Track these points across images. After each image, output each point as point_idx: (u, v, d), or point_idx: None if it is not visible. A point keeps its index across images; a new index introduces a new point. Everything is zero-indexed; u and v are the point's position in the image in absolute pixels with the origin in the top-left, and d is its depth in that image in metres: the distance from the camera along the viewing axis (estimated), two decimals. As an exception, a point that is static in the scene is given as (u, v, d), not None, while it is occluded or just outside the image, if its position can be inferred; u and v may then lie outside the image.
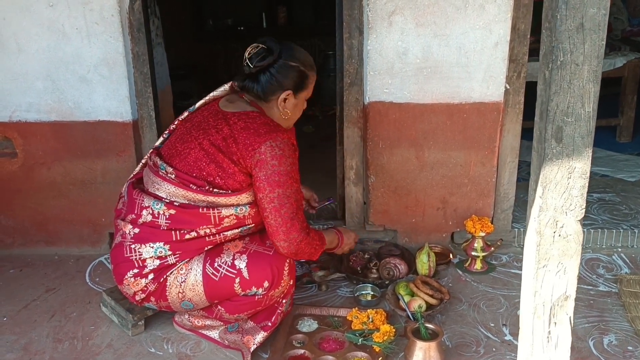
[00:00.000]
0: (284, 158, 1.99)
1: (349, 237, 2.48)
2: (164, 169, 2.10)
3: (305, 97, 2.20)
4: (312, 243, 2.12)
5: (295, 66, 2.09)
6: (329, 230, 2.45)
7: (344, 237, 2.44)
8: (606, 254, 2.87)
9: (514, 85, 2.70)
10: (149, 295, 2.11)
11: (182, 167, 2.08)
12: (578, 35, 1.24)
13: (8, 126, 2.81)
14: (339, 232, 2.45)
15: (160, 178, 2.10)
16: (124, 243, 2.09)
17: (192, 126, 2.14)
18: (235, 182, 2.04)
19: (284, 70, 2.08)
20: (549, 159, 1.32)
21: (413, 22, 2.58)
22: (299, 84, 2.13)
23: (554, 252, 1.38)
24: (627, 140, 4.41)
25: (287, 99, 2.12)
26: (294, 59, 2.09)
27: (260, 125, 2.03)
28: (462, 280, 2.70)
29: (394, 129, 2.75)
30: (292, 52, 2.10)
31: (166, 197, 2.08)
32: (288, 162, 2.00)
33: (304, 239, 2.07)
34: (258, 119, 2.06)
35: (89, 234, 2.97)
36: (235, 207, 2.06)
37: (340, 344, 2.21)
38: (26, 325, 2.42)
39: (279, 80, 2.08)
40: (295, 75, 2.10)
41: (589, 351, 2.19)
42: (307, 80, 2.15)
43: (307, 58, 2.15)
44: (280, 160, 1.99)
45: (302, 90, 2.16)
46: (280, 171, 1.99)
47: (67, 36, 2.67)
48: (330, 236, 2.37)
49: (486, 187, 2.84)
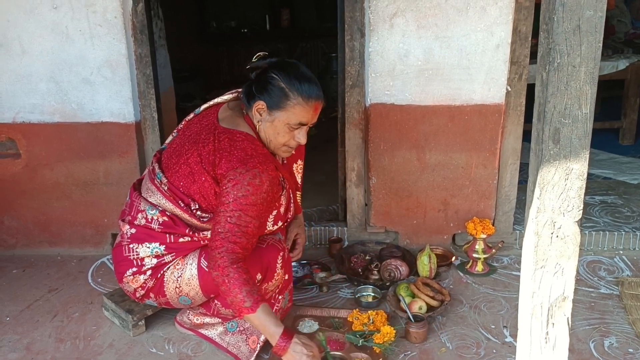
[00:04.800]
0: (239, 184, 1.90)
1: (295, 353, 1.92)
2: (159, 179, 2.12)
3: (285, 122, 2.00)
4: (231, 283, 1.87)
5: (274, 78, 1.97)
6: (279, 323, 1.95)
7: (287, 348, 1.91)
8: (608, 257, 2.87)
9: (515, 88, 2.70)
10: (148, 291, 2.15)
11: (173, 180, 2.09)
12: (575, 37, 1.24)
13: (12, 127, 2.83)
14: (286, 337, 1.91)
15: (154, 187, 2.12)
16: (122, 243, 2.15)
17: (188, 138, 2.11)
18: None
19: (265, 80, 1.99)
20: (547, 160, 1.32)
21: (414, 24, 2.59)
22: (275, 101, 1.98)
23: (551, 253, 1.38)
24: (630, 142, 4.42)
25: (261, 110, 2.01)
26: (281, 74, 1.97)
27: (236, 149, 1.95)
28: (463, 282, 2.70)
29: (395, 130, 2.76)
30: (285, 68, 2.00)
31: (158, 205, 2.10)
32: (243, 188, 1.90)
33: (224, 267, 1.87)
34: (240, 142, 1.98)
35: (92, 235, 2.99)
36: None
37: (341, 345, 2.22)
38: (29, 325, 2.44)
39: (258, 88, 2.00)
40: (273, 89, 1.97)
41: (589, 353, 2.19)
42: (285, 100, 1.97)
43: (299, 81, 1.97)
44: (234, 185, 1.90)
45: (278, 109, 1.98)
46: (229, 193, 1.90)
47: (70, 38, 2.69)
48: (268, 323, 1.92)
49: (487, 189, 2.84)
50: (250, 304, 1.88)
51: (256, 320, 1.92)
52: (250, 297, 1.88)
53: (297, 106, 1.98)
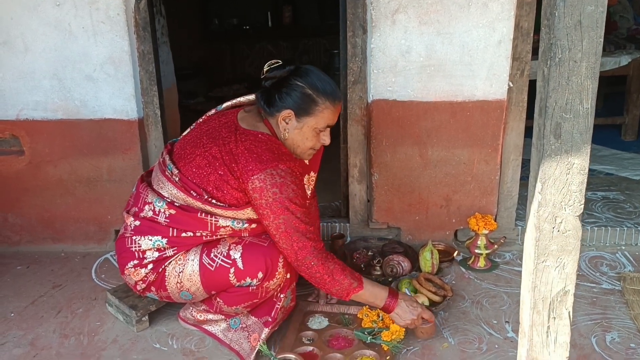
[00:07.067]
0: (284, 185, 1.96)
1: (404, 311, 2.12)
2: (170, 170, 2.14)
3: (313, 126, 2.07)
4: (334, 274, 2.01)
5: (300, 86, 2.02)
6: (382, 286, 2.15)
7: (397, 304, 2.11)
8: (610, 252, 2.88)
9: (517, 84, 2.70)
10: (149, 285, 2.17)
11: (185, 171, 2.10)
12: (576, 32, 1.25)
13: (15, 124, 2.84)
14: (393, 296, 2.11)
15: (165, 178, 2.13)
16: (125, 234, 2.17)
17: (205, 132, 2.13)
18: (232, 198, 2.05)
19: (289, 88, 2.03)
20: (548, 155, 1.33)
21: (416, 20, 2.59)
22: (303, 107, 2.04)
23: (552, 247, 1.39)
24: (632, 138, 4.42)
25: (288, 119, 2.06)
26: (303, 80, 2.03)
27: (264, 151, 2.00)
28: (465, 277, 2.71)
29: (397, 126, 2.76)
30: (305, 74, 2.04)
31: (168, 196, 2.12)
32: (290, 188, 1.97)
33: (318, 262, 1.99)
34: (264, 143, 2.03)
35: (95, 231, 3.00)
36: (232, 220, 2.09)
37: (349, 342, 2.21)
38: (33, 321, 2.45)
39: (281, 97, 2.04)
40: (299, 96, 2.02)
41: (591, 348, 2.19)
42: (314, 105, 2.03)
43: (323, 85, 2.04)
44: (281, 188, 1.95)
45: (307, 116, 2.05)
46: (282, 198, 1.96)
47: (73, 35, 2.70)
48: (376, 290, 2.10)
49: (489, 185, 2.85)
50: (357, 283, 2.04)
51: (366, 292, 2.07)
52: (353, 278, 2.04)
53: (326, 110, 2.06)
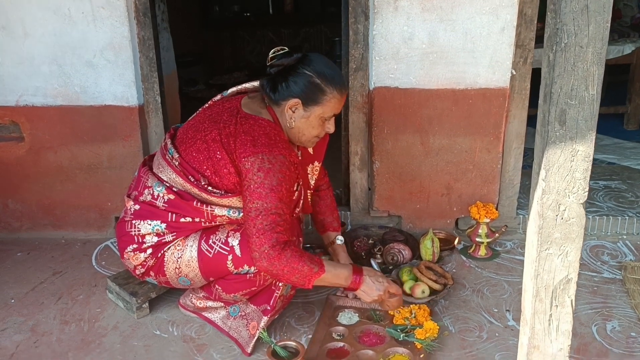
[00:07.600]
0: (271, 172, 1.92)
1: (371, 288, 2.09)
2: (171, 154, 2.13)
3: (320, 115, 2.05)
4: (291, 263, 1.94)
5: (308, 75, 2.00)
6: (344, 265, 2.19)
7: (362, 281, 2.08)
8: (611, 241, 2.87)
9: (520, 71, 2.68)
10: (148, 269, 2.16)
11: (185, 155, 2.09)
12: (582, 17, 1.23)
13: (15, 110, 2.82)
14: (357, 274, 2.09)
15: (165, 162, 2.13)
16: (125, 218, 2.17)
17: (208, 117, 2.13)
18: (230, 183, 2.04)
19: (296, 76, 2.02)
20: (552, 142, 1.31)
21: (419, 6, 2.57)
22: (310, 96, 2.02)
23: (556, 235, 1.38)
24: (635, 127, 4.41)
25: (295, 108, 2.04)
26: (311, 68, 2.00)
27: (260, 136, 1.98)
28: (466, 266, 2.71)
29: (399, 114, 2.75)
30: (313, 62, 2.02)
31: (167, 181, 2.11)
32: (275, 177, 1.93)
33: (278, 255, 1.92)
34: (263, 128, 2.01)
35: (95, 218, 2.99)
36: (227, 209, 2.07)
37: (381, 339, 2.16)
38: (33, 307, 2.45)
39: (288, 85, 2.02)
40: (306, 85, 2.00)
41: (592, 337, 2.19)
42: (322, 95, 2.02)
43: (331, 74, 2.03)
44: (266, 174, 1.92)
45: (314, 104, 2.03)
46: (264, 184, 1.92)
47: (73, 20, 2.67)
48: (339, 271, 2.07)
49: (491, 173, 2.83)
50: (318, 267, 1.99)
51: (328, 275, 2.01)
52: (313, 262, 1.98)
53: (333, 99, 2.04)
